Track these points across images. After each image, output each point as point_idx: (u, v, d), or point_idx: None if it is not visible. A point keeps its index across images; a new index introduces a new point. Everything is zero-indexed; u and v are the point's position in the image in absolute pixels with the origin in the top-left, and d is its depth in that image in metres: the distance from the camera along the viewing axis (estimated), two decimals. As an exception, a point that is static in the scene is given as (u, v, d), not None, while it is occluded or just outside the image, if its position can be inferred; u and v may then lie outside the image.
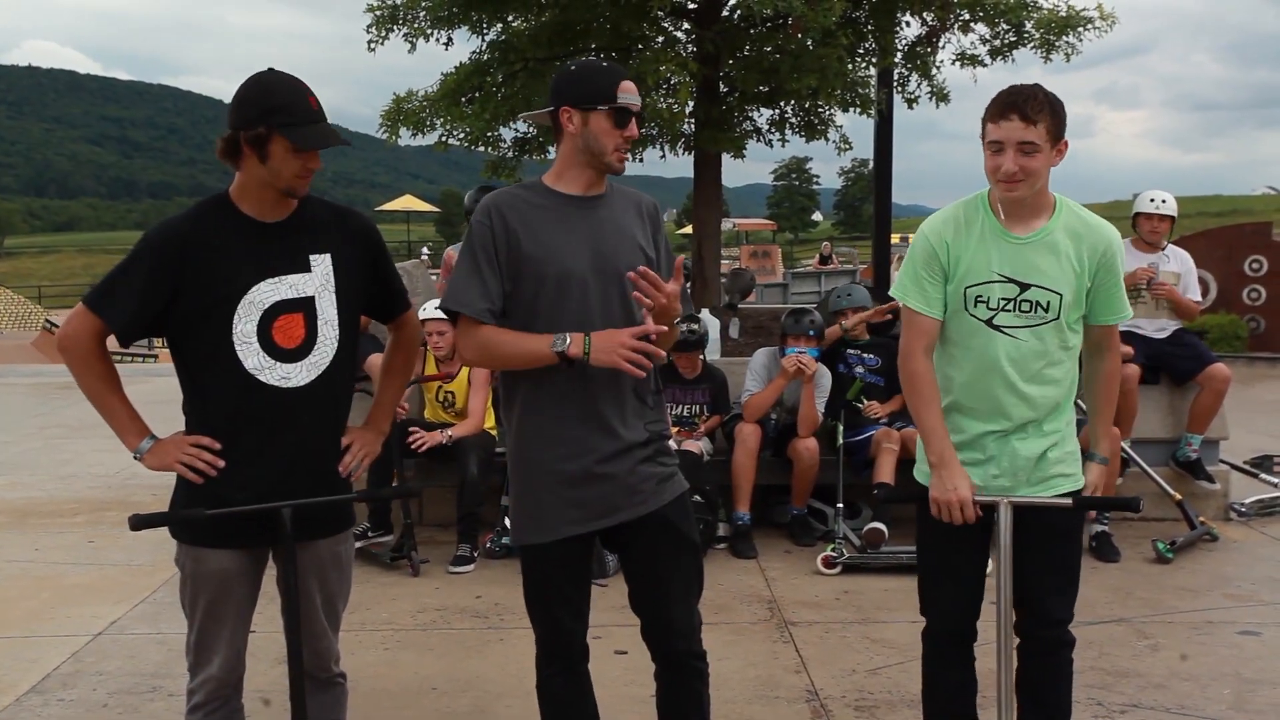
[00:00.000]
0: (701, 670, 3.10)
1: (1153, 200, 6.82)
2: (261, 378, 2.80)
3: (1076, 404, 3.29)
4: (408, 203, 51.20)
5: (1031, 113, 2.89)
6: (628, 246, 2.98)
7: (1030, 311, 3.04)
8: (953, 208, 3.17)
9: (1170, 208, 6.81)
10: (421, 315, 6.19)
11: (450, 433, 6.21)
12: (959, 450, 3.11)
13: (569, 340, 2.84)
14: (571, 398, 2.92)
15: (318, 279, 2.88)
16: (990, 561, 3.19)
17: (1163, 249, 6.83)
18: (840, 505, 6.24)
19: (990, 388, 3.08)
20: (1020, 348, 3.05)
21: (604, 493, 2.95)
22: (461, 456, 6.15)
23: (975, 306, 3.06)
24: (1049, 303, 3.03)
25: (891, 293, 3.27)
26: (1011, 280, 3.03)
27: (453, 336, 6.25)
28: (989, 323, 3.06)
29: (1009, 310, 3.04)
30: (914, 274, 3.13)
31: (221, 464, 2.80)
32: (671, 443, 3.20)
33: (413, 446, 6.12)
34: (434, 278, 9.86)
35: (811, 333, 6.40)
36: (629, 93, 2.94)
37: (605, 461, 2.94)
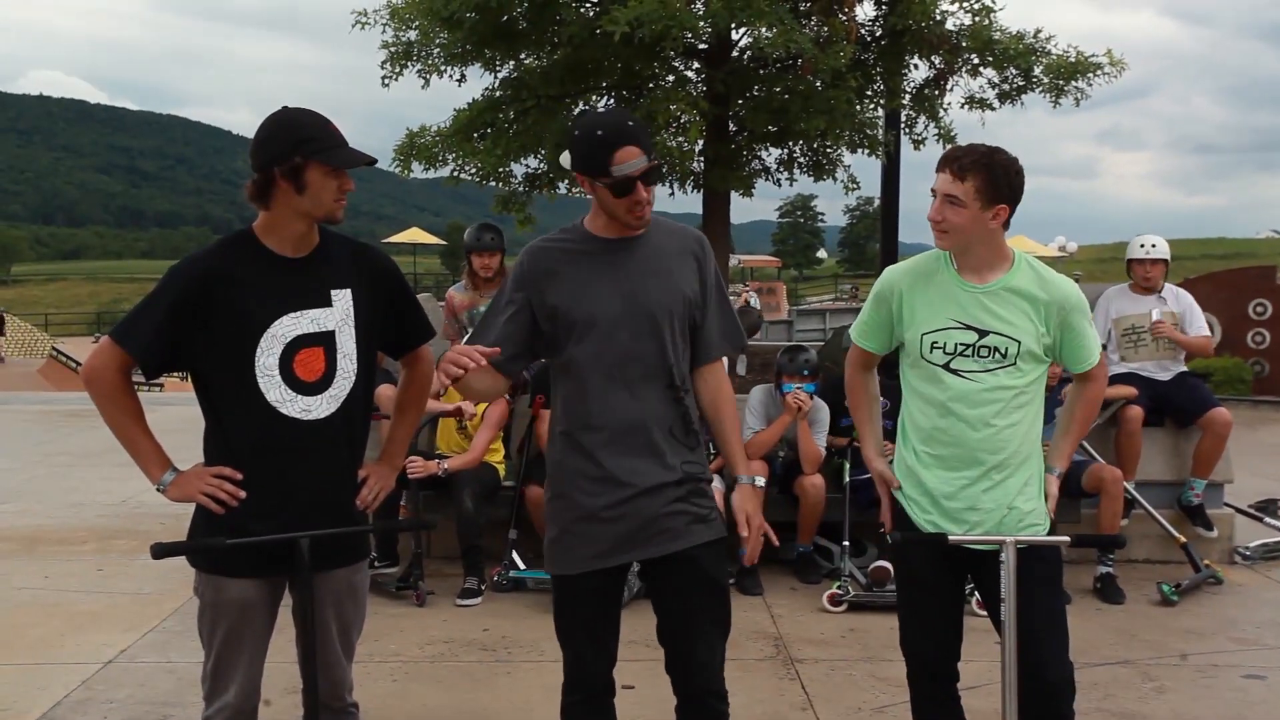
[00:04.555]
0: (721, 711, 3.08)
1: (1143, 246, 6.96)
2: (283, 410, 2.85)
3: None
4: (414, 235, 51.33)
5: (960, 169, 3.00)
6: (662, 286, 2.99)
7: (988, 357, 3.10)
8: (916, 259, 3.28)
9: (1160, 251, 6.92)
10: None
11: (445, 465, 6.18)
12: (929, 503, 3.18)
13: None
14: (604, 433, 2.95)
15: (338, 314, 2.93)
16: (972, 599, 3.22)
17: (1159, 291, 6.91)
18: (846, 543, 6.27)
19: (951, 432, 3.13)
20: (976, 390, 3.10)
21: (632, 528, 2.97)
22: (455, 490, 6.13)
23: (932, 352, 3.14)
24: (1006, 349, 3.10)
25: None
26: (969, 327, 3.11)
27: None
28: (945, 366, 3.13)
29: (966, 355, 3.11)
30: (865, 310, 3.34)
31: (243, 494, 2.85)
32: None
33: (409, 474, 6.06)
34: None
35: (806, 370, 6.46)
36: (627, 160, 2.83)
37: (635, 498, 2.96)
